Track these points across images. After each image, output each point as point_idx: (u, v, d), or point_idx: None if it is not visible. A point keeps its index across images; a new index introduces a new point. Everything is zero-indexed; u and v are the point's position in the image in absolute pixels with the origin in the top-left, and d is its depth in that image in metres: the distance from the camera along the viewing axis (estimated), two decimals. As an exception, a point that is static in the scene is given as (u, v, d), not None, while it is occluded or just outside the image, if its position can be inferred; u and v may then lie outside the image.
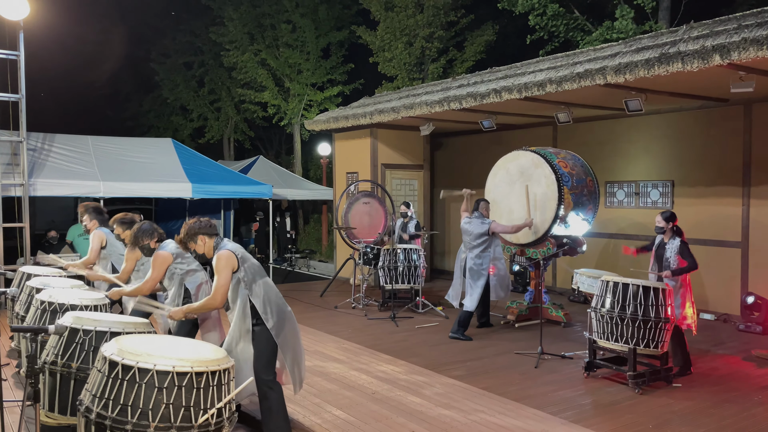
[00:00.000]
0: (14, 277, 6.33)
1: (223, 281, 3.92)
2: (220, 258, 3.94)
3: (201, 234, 4.07)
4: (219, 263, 3.93)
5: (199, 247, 4.08)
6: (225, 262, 3.93)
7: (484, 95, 8.05)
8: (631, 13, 11.35)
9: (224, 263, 3.92)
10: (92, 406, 3.09)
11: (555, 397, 5.25)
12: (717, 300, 8.48)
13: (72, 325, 3.88)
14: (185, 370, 3.11)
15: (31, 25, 9.25)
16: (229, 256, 3.94)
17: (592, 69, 6.80)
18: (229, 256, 3.94)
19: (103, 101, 26.50)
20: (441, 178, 12.90)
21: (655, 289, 5.48)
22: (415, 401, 5.11)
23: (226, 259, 3.93)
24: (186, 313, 4.20)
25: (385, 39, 15.23)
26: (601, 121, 9.78)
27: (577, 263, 9.42)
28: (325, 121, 11.98)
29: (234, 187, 11.30)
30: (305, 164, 19.96)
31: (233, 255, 3.96)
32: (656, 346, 5.47)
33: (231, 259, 3.94)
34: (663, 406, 5.08)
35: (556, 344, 6.90)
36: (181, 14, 21.73)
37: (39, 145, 10.16)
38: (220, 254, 3.95)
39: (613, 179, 9.68)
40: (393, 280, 8.61)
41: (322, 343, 7.05)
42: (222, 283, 3.92)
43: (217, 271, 3.94)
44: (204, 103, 21.62)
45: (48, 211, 16.74)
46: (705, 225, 8.53)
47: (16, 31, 8.82)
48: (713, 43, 5.76)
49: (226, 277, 3.93)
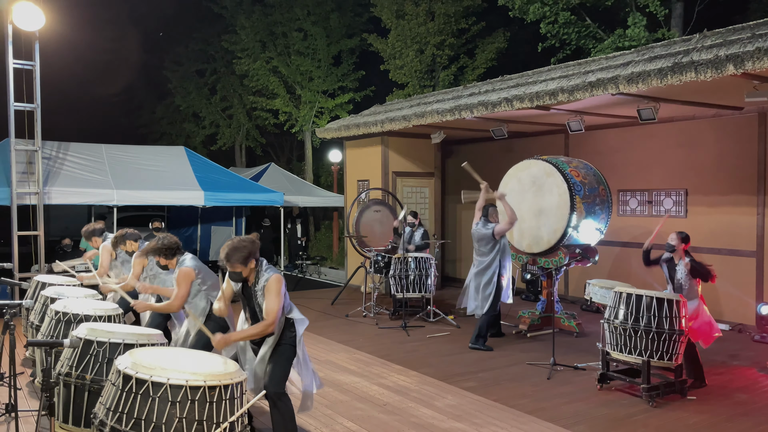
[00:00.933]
0: (29, 287, 6.40)
1: (278, 306, 3.93)
2: (271, 282, 3.93)
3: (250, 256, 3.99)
4: (270, 287, 3.93)
5: (245, 270, 3.96)
6: (277, 286, 3.92)
7: (496, 104, 8.04)
8: (644, 20, 11.29)
9: (276, 287, 3.92)
10: (106, 419, 3.11)
11: (568, 409, 5.21)
12: (731, 310, 8.39)
13: (86, 336, 3.92)
14: (198, 384, 3.12)
15: (47, 36, 9.36)
16: (279, 280, 3.98)
17: (605, 78, 6.78)
18: (279, 280, 3.98)
19: (117, 109, 26.82)
20: (452, 185, 12.88)
21: (669, 300, 5.44)
22: (426, 413, 5.09)
23: (277, 283, 3.93)
24: (234, 340, 4.09)
25: (396, 46, 15.26)
26: (614, 129, 9.73)
27: (590, 273, 9.37)
28: (336, 129, 12.01)
29: (245, 194, 11.36)
30: (316, 171, 20.03)
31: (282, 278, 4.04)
32: (670, 359, 5.42)
33: (281, 283, 3.98)
34: (677, 419, 5.02)
35: (568, 355, 6.86)
36: (194, 22, 21.91)
37: (54, 153, 10.27)
38: (275, 277, 3.95)
39: (626, 188, 9.62)
40: (404, 289, 8.60)
41: (333, 353, 7.05)
42: (277, 308, 3.94)
43: (268, 293, 3.94)
44: (216, 110, 21.78)
45: (62, 218, 16.89)
46: (719, 234, 8.46)
47: (31, 41, 8.94)
48: (727, 52, 5.71)
49: (280, 303, 3.95)
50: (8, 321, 3.88)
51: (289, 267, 15.41)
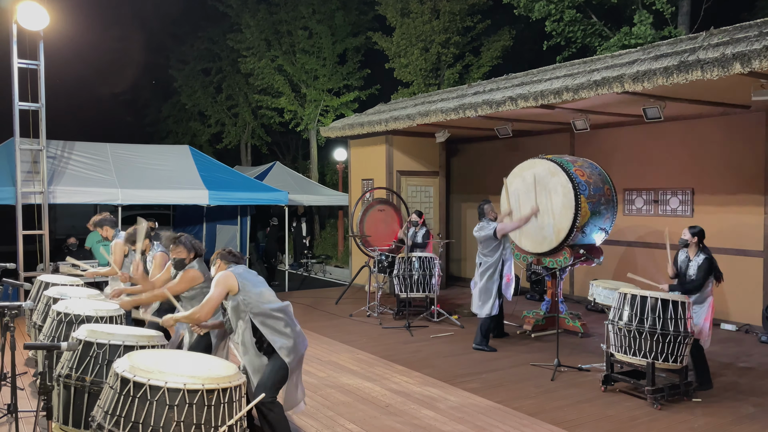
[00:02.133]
0: (32, 287, 6.41)
1: (213, 297, 4.07)
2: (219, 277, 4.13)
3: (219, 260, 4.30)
4: (216, 280, 4.12)
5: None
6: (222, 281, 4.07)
7: (500, 103, 7.99)
8: (650, 18, 11.20)
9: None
10: (104, 422, 3.10)
11: (571, 411, 5.17)
12: (738, 310, 8.32)
13: (86, 338, 3.90)
14: (196, 388, 3.11)
15: (51, 35, 9.37)
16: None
17: (610, 77, 6.72)
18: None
19: (123, 107, 26.90)
20: (457, 184, 12.84)
21: (674, 302, 5.38)
22: (428, 415, 5.06)
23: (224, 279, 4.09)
24: (177, 320, 4.31)
25: (400, 45, 15.22)
26: (619, 128, 9.65)
27: (595, 273, 9.31)
28: (340, 128, 11.99)
29: (250, 193, 11.35)
30: (321, 169, 20.02)
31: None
32: (675, 360, 5.37)
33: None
34: (682, 422, 4.97)
35: (573, 356, 6.81)
36: (199, 21, 21.93)
37: (59, 152, 10.29)
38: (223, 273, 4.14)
39: (632, 187, 9.55)
40: (408, 289, 8.57)
41: (336, 354, 7.03)
42: (212, 298, 4.07)
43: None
44: (222, 108, 21.80)
45: (68, 217, 16.96)
46: (726, 234, 8.38)
47: (36, 41, 8.94)
48: (733, 50, 5.65)
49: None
50: (8, 323, 3.87)
51: (294, 265, 15.40)
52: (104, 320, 4.82)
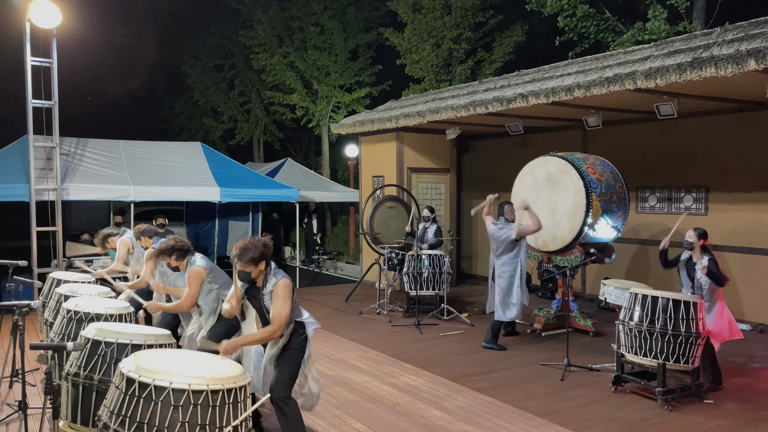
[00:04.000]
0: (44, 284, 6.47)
1: (287, 311, 3.89)
2: (281, 285, 3.90)
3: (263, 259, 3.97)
4: (278, 292, 3.90)
5: (254, 271, 3.94)
6: (285, 292, 3.89)
7: (511, 99, 7.93)
8: (664, 13, 11.04)
9: (284, 292, 3.89)
10: (110, 422, 3.12)
11: (581, 412, 5.13)
12: (753, 309, 8.21)
13: (94, 337, 3.92)
14: (201, 389, 3.11)
15: (64, 33, 9.43)
16: (289, 285, 3.95)
17: (622, 73, 6.64)
18: (289, 285, 3.95)
19: (137, 104, 27.06)
20: (468, 181, 12.78)
21: (685, 302, 5.31)
22: (436, 415, 5.04)
23: (286, 288, 3.90)
24: (241, 345, 4.07)
25: (412, 41, 15.16)
26: (632, 125, 9.54)
27: (608, 271, 9.23)
28: (351, 125, 11.97)
29: (261, 190, 11.38)
30: (333, 165, 20.03)
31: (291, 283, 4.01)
32: (687, 362, 5.30)
33: (291, 288, 3.95)
34: (693, 424, 4.92)
35: (583, 355, 6.76)
36: (212, 18, 22.01)
37: (72, 149, 10.38)
38: (283, 282, 3.92)
39: (645, 184, 9.44)
40: (418, 286, 8.55)
41: (345, 351, 7.03)
42: (286, 312, 3.89)
43: (276, 299, 3.91)
44: (234, 105, 21.88)
45: (83, 213, 17.13)
46: (740, 232, 8.26)
47: (49, 39, 9.01)
48: (748, 47, 5.55)
49: (289, 307, 3.92)
50: (17, 321, 3.91)
51: (305, 262, 15.45)
52: (114, 318, 4.86)
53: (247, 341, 3.98)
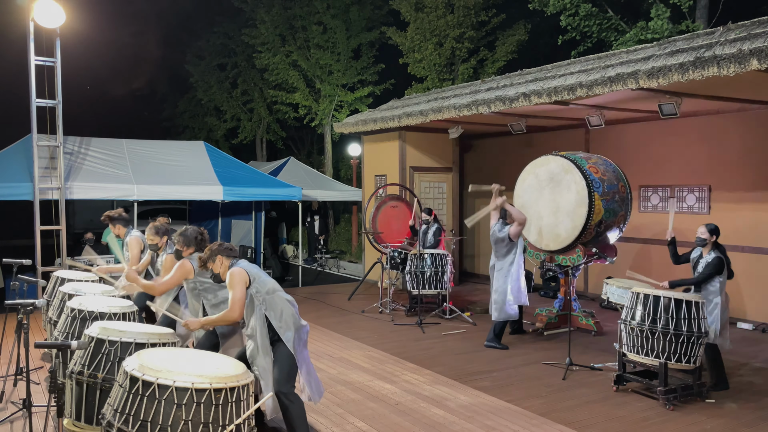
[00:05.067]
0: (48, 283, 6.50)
1: (239, 295, 4.06)
2: (233, 275, 4.10)
3: (219, 255, 4.23)
4: (232, 279, 4.08)
5: (216, 266, 4.24)
6: (238, 278, 4.08)
7: (513, 99, 7.93)
8: (667, 12, 11.02)
9: (237, 279, 4.08)
10: (113, 420, 3.14)
11: (582, 411, 5.14)
12: (756, 309, 8.20)
13: (98, 336, 3.96)
14: (204, 387, 3.14)
15: (68, 32, 9.45)
16: (240, 272, 4.10)
17: (624, 73, 6.63)
18: (240, 272, 4.10)
19: (140, 102, 27.12)
20: (470, 180, 12.76)
21: (687, 302, 5.32)
22: (438, 414, 5.06)
23: (238, 275, 4.09)
24: (203, 324, 4.33)
25: (415, 40, 15.15)
26: (635, 124, 9.54)
27: (610, 270, 9.23)
28: (353, 124, 11.98)
29: (264, 189, 11.40)
30: (336, 164, 20.05)
31: (244, 271, 4.11)
32: (689, 361, 5.31)
33: (243, 275, 4.09)
34: (694, 423, 4.92)
35: (585, 354, 6.76)
36: (215, 17, 22.04)
37: (75, 148, 10.41)
38: (233, 271, 4.12)
39: (648, 183, 9.44)
40: (420, 285, 8.56)
41: (347, 350, 7.05)
42: (238, 296, 4.06)
43: (230, 286, 4.10)
44: (237, 104, 21.91)
45: (86, 211, 17.17)
46: (743, 231, 8.25)
47: (52, 38, 9.04)
48: (750, 46, 5.55)
49: (242, 291, 4.07)
50: (21, 320, 3.94)
51: (308, 261, 15.47)
52: (117, 317, 4.88)
53: (208, 321, 4.29)
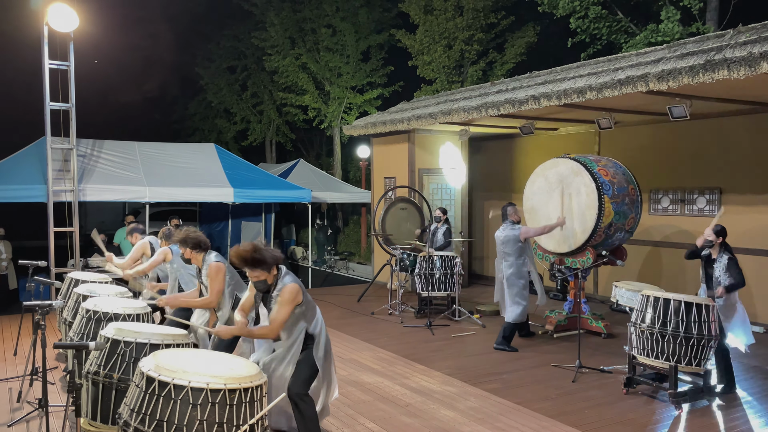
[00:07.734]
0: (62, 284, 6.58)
1: (284, 316, 3.92)
2: (288, 291, 3.92)
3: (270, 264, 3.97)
4: (284, 296, 3.91)
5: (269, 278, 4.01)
6: (289, 296, 3.91)
7: (523, 102, 7.95)
8: (677, 14, 10.99)
9: (288, 297, 3.91)
10: (130, 420, 3.20)
11: (592, 414, 5.15)
12: (766, 311, 8.17)
13: (113, 336, 4.01)
14: (218, 387, 3.18)
15: (81, 36, 9.57)
16: (295, 289, 3.93)
17: (634, 76, 6.64)
18: (295, 289, 3.93)
19: (151, 105, 27.33)
20: (479, 182, 12.79)
21: (698, 305, 5.32)
22: (448, 415, 5.09)
23: (293, 291, 3.92)
24: (235, 334, 4.23)
25: (424, 42, 15.19)
26: (645, 126, 9.53)
27: (620, 273, 9.22)
28: (363, 126, 12.03)
29: (274, 191, 11.48)
30: (345, 166, 20.12)
31: (299, 289, 3.97)
32: (699, 364, 5.31)
33: (296, 293, 3.94)
34: (705, 426, 4.93)
35: (595, 357, 6.77)
36: (225, 20, 22.19)
37: (88, 151, 10.53)
38: (291, 287, 3.94)
39: (658, 186, 9.43)
40: (429, 287, 8.60)
41: (358, 352, 7.09)
42: (283, 318, 3.92)
43: (280, 304, 3.92)
44: (247, 106, 22.04)
45: (99, 213, 17.32)
46: (754, 234, 8.23)
47: (66, 42, 9.15)
48: (761, 49, 5.54)
49: (288, 313, 3.93)
50: (39, 321, 4.00)
51: (317, 262, 15.54)
52: (132, 318, 4.95)
53: (246, 333, 4.10)
